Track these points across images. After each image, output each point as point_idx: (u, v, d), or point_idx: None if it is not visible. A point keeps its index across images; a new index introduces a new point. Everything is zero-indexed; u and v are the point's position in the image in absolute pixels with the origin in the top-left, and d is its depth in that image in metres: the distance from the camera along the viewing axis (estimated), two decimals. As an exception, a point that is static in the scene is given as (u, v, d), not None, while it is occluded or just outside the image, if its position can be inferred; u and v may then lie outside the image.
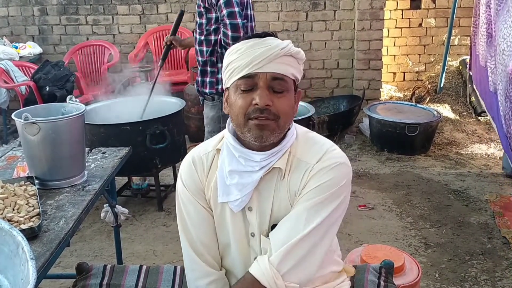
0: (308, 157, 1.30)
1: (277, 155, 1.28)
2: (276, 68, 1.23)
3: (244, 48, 1.24)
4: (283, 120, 1.25)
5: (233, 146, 1.30)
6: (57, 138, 1.79)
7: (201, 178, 1.36)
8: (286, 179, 1.30)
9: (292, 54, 1.26)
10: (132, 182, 3.70)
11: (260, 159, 1.27)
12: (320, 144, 1.33)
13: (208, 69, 2.83)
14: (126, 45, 5.57)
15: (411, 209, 3.41)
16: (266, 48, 1.22)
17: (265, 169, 1.28)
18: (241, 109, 1.24)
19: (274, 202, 1.31)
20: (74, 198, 1.75)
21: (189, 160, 1.39)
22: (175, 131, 3.40)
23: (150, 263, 2.80)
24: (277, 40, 1.26)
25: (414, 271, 2.16)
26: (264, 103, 1.21)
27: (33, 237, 1.46)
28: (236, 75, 1.25)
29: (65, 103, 1.95)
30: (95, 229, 3.26)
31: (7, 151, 2.26)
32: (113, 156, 2.18)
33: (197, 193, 1.37)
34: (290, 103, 1.27)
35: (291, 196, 1.30)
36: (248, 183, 1.28)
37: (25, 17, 5.55)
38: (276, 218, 1.32)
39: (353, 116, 4.93)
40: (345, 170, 1.30)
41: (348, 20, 5.35)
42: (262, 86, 1.22)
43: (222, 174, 1.32)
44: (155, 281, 1.68)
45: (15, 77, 4.64)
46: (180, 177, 1.40)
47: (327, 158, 1.29)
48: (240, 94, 1.25)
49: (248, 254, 1.36)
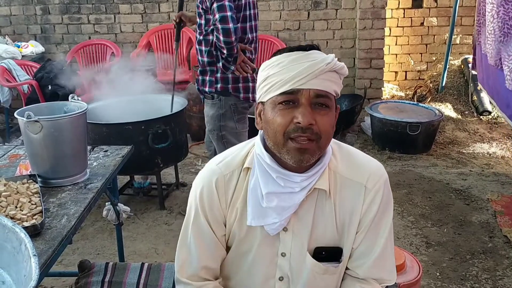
0: (353, 174, 1.25)
1: (317, 174, 1.21)
2: (321, 84, 1.14)
3: (286, 62, 1.15)
4: (324, 140, 1.17)
5: (270, 167, 1.20)
6: (60, 136, 1.80)
7: (222, 202, 1.27)
8: (332, 200, 1.24)
9: (336, 70, 1.16)
10: (134, 181, 3.71)
11: (300, 180, 1.19)
12: (358, 158, 1.30)
13: (208, 68, 2.84)
14: (128, 44, 5.58)
15: (412, 208, 3.41)
16: (311, 63, 1.13)
17: (306, 190, 1.20)
18: (280, 127, 1.15)
19: (314, 223, 1.25)
20: (76, 196, 1.76)
21: (211, 180, 1.27)
22: (177, 130, 3.41)
23: (152, 262, 2.81)
24: (321, 54, 1.17)
25: (415, 270, 2.17)
26: (307, 122, 1.12)
27: (36, 234, 1.47)
28: (276, 90, 1.15)
29: (68, 102, 1.96)
30: (97, 227, 3.27)
31: (9, 150, 2.27)
32: (115, 154, 2.19)
33: (214, 220, 1.28)
34: (332, 121, 1.18)
35: (340, 216, 1.25)
36: (289, 206, 1.20)
37: (27, 16, 5.56)
38: (318, 239, 1.26)
39: (355, 115, 4.93)
40: (388, 182, 1.29)
41: (349, 19, 5.35)
42: (304, 104, 1.13)
43: (256, 195, 1.22)
44: (156, 279, 1.69)
45: (18, 76, 4.66)
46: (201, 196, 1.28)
47: (375, 175, 1.26)
48: (280, 111, 1.15)
49: (272, 274, 1.30)
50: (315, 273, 1.27)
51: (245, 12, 2.76)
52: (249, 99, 2.89)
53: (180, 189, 3.77)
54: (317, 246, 1.26)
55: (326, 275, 1.28)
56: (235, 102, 2.85)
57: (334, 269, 1.28)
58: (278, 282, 1.31)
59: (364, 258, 1.28)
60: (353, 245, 1.27)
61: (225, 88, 2.82)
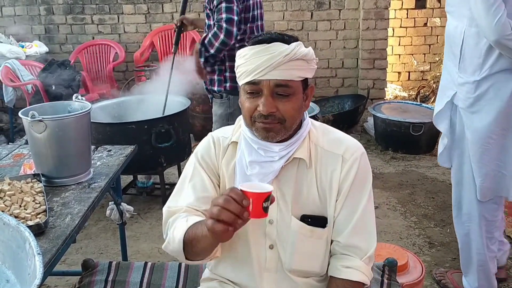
0: (332, 147, 1.36)
1: (295, 144, 1.33)
2: (280, 74, 1.25)
3: (249, 55, 1.27)
4: (289, 122, 1.29)
5: (251, 139, 1.34)
6: (64, 136, 1.81)
7: (217, 157, 1.41)
8: (313, 169, 1.35)
9: (299, 58, 1.26)
10: (138, 180, 3.72)
11: (279, 149, 1.31)
12: (337, 134, 1.41)
13: (216, 67, 2.84)
14: (132, 45, 5.59)
15: (415, 208, 3.41)
16: (269, 56, 1.24)
17: (285, 159, 1.33)
18: (247, 112, 1.31)
19: (297, 190, 1.35)
20: (80, 196, 1.77)
21: (208, 139, 1.45)
22: (180, 130, 3.42)
23: (155, 261, 2.82)
24: (282, 46, 1.25)
25: (418, 270, 2.17)
26: (267, 111, 1.26)
27: (40, 233, 1.48)
28: (243, 79, 1.29)
29: (71, 101, 1.97)
30: (100, 227, 3.28)
31: (14, 149, 2.28)
32: (118, 154, 2.19)
33: (209, 168, 1.40)
34: (296, 105, 1.29)
35: (321, 186, 1.35)
36: (269, 173, 1.32)
37: (32, 16, 5.58)
38: (302, 206, 1.36)
39: (357, 115, 4.93)
40: (366, 156, 1.40)
41: (353, 20, 5.35)
42: (266, 94, 1.26)
43: (242, 165, 1.35)
44: (159, 278, 1.70)
45: (22, 76, 4.67)
46: (196, 151, 1.44)
47: (352, 147, 1.37)
48: (247, 98, 1.30)
49: (262, 242, 1.37)
50: (302, 236, 1.35)
51: (254, 12, 2.77)
52: None
53: (183, 189, 3.77)
54: (303, 214, 1.36)
55: (313, 238, 1.36)
56: None
57: (321, 231, 1.36)
58: (269, 250, 1.38)
59: (344, 224, 1.35)
60: (334, 213, 1.36)
61: (233, 87, 2.82)
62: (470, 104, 2.14)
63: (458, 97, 2.20)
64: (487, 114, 2.10)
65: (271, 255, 1.38)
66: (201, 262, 1.36)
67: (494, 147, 2.14)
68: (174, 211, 1.37)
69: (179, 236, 1.28)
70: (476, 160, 2.18)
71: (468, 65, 2.11)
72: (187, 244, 1.26)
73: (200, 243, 1.23)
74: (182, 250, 1.27)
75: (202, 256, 1.29)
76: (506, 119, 2.09)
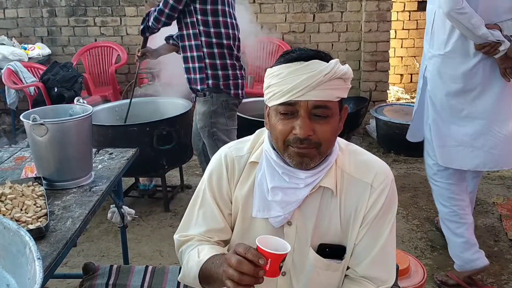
0: (360, 174, 1.28)
1: (322, 172, 1.24)
2: (319, 95, 1.16)
3: (285, 73, 1.17)
4: (325, 146, 1.21)
5: (276, 163, 1.25)
6: (65, 139, 1.81)
7: (230, 181, 1.33)
8: (338, 197, 1.27)
9: (338, 76, 1.17)
10: (139, 183, 3.72)
11: (305, 177, 1.23)
12: (365, 157, 1.33)
13: (197, 65, 2.86)
14: (134, 47, 5.57)
15: (417, 211, 3.40)
16: (309, 75, 1.14)
17: (310, 187, 1.24)
18: (280, 135, 1.20)
19: (318, 219, 1.28)
20: (81, 199, 1.77)
21: (220, 158, 1.35)
22: (182, 132, 3.42)
23: (156, 264, 2.82)
24: (321, 64, 1.16)
25: (420, 274, 2.16)
26: (305, 134, 1.16)
27: (41, 237, 1.48)
28: (276, 100, 1.19)
29: (73, 105, 1.97)
30: (102, 230, 3.28)
31: (15, 152, 2.29)
32: (120, 157, 2.19)
33: (221, 197, 1.34)
34: (333, 128, 1.21)
35: (345, 214, 1.28)
36: (292, 201, 1.24)
37: (34, 18, 5.60)
38: (322, 236, 1.29)
39: (360, 118, 4.91)
40: (394, 183, 1.32)
41: (355, 22, 5.35)
42: (303, 116, 1.17)
43: (262, 189, 1.27)
44: (160, 282, 1.70)
45: (24, 78, 4.68)
46: (209, 173, 1.36)
47: (382, 174, 1.28)
48: (281, 120, 1.20)
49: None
50: (318, 268, 1.29)
51: (215, 6, 2.77)
52: (239, 95, 2.93)
53: (185, 191, 3.77)
54: (321, 243, 1.30)
55: (329, 271, 1.30)
56: (226, 98, 2.88)
57: (337, 265, 1.30)
58: (281, 277, 1.32)
59: (364, 255, 1.29)
60: (356, 241, 1.29)
61: (216, 84, 2.85)
62: (437, 74, 2.43)
63: (428, 70, 2.50)
64: (447, 86, 2.40)
65: (283, 282, 1.33)
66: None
67: (447, 117, 2.44)
68: (185, 240, 1.35)
69: (193, 272, 1.26)
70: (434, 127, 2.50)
71: (436, 40, 2.43)
72: (202, 280, 1.25)
73: (215, 283, 1.21)
74: (199, 283, 1.26)
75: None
76: (456, 95, 2.38)
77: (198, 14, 2.76)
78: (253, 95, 4.52)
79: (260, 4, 5.35)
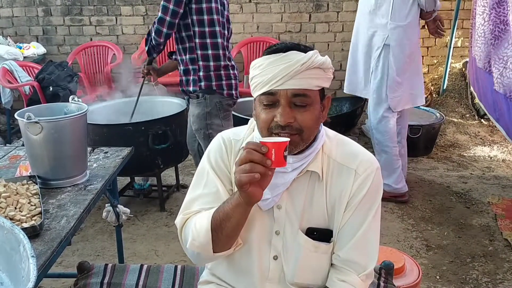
0: (346, 161, 1.32)
1: (308, 157, 1.30)
2: (297, 84, 1.22)
3: (265, 65, 1.24)
4: (307, 133, 1.26)
5: None
6: (60, 138, 1.80)
7: (230, 158, 1.37)
8: (324, 182, 1.32)
9: (318, 66, 1.23)
10: (135, 182, 3.71)
11: (292, 161, 1.27)
12: (352, 146, 1.37)
13: (190, 67, 2.85)
14: (130, 46, 5.59)
15: (412, 210, 3.40)
16: (286, 65, 1.21)
17: (297, 171, 1.30)
18: (264, 123, 1.26)
19: (306, 203, 1.33)
20: (75, 198, 1.76)
21: (218, 139, 1.41)
22: (178, 131, 3.41)
23: (152, 263, 2.81)
24: (299, 54, 1.23)
25: (415, 273, 2.16)
26: (285, 121, 1.22)
27: (35, 235, 1.47)
28: (258, 90, 1.26)
29: (68, 103, 1.96)
30: (97, 229, 3.27)
31: (10, 151, 2.28)
32: (115, 156, 2.19)
33: (223, 172, 1.37)
34: (314, 116, 1.26)
35: (330, 199, 1.32)
36: (280, 184, 1.29)
37: (29, 17, 5.58)
38: (310, 219, 1.33)
39: (355, 118, 4.93)
40: (380, 171, 1.35)
41: (351, 22, 5.33)
42: (283, 104, 1.23)
43: None
44: (155, 281, 1.69)
45: (19, 77, 4.66)
46: (208, 154, 1.40)
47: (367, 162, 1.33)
48: (263, 110, 1.26)
49: (267, 252, 1.36)
50: (307, 250, 1.33)
51: (209, 4, 2.74)
52: (233, 95, 2.91)
53: (180, 190, 3.77)
54: (309, 227, 1.34)
55: (318, 253, 1.34)
56: (219, 99, 2.86)
57: (326, 247, 1.34)
58: (273, 261, 1.36)
59: (347, 239, 1.33)
60: (340, 225, 1.33)
61: (209, 85, 2.83)
62: (399, 40, 3.25)
63: (391, 38, 3.25)
64: (405, 49, 3.28)
65: (275, 266, 1.36)
66: (226, 253, 1.32)
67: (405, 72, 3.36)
68: (189, 216, 1.36)
69: (205, 225, 1.26)
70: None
71: (398, 14, 3.21)
72: (215, 230, 1.25)
73: (230, 220, 1.23)
74: (210, 240, 1.26)
75: (232, 239, 1.28)
76: (411, 58, 3.35)
77: (194, 14, 2.74)
78: (249, 94, 4.51)
79: (256, 4, 5.35)
